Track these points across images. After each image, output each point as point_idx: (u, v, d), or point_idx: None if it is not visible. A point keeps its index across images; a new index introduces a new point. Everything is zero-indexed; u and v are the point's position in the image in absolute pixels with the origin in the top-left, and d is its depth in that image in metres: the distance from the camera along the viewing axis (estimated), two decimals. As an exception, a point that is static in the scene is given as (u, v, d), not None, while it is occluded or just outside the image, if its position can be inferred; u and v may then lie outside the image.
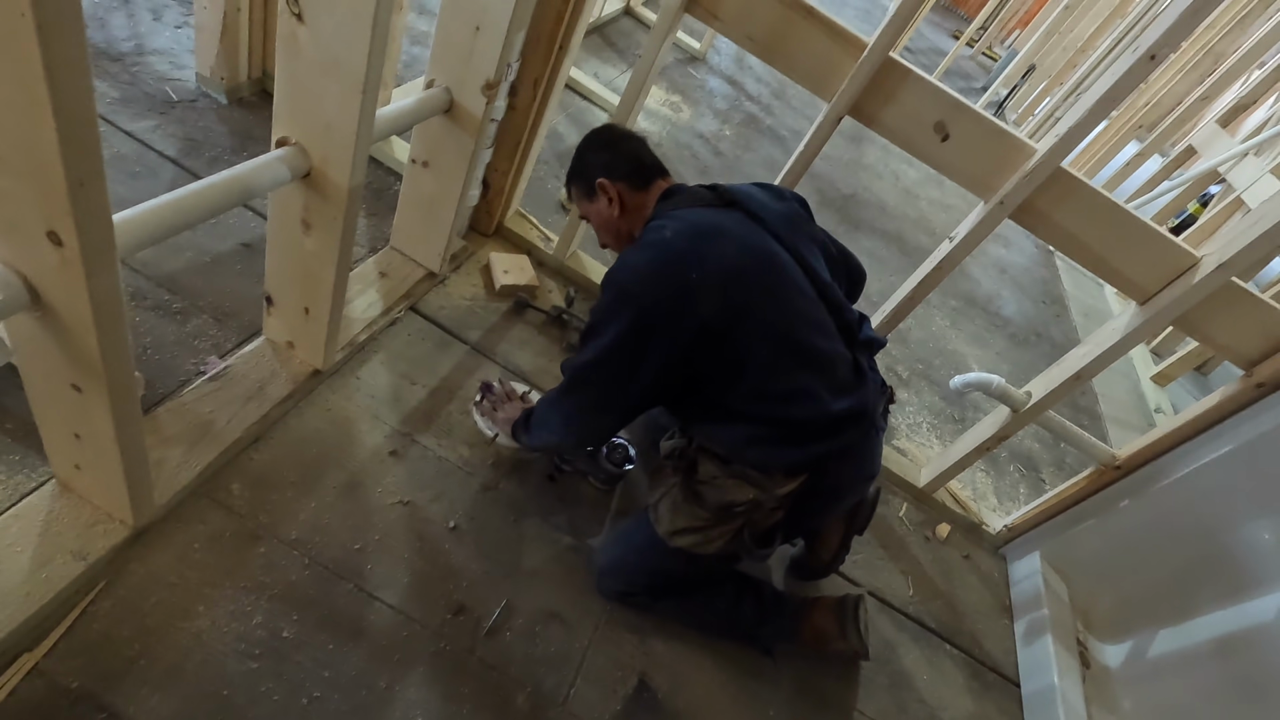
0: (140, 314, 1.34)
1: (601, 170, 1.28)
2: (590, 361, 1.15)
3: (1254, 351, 1.42)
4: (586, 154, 1.32)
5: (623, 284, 1.13)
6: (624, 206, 1.27)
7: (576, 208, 1.39)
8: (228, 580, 1.10)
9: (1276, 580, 1.41)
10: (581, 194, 1.33)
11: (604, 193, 1.27)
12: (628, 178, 1.27)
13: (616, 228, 1.30)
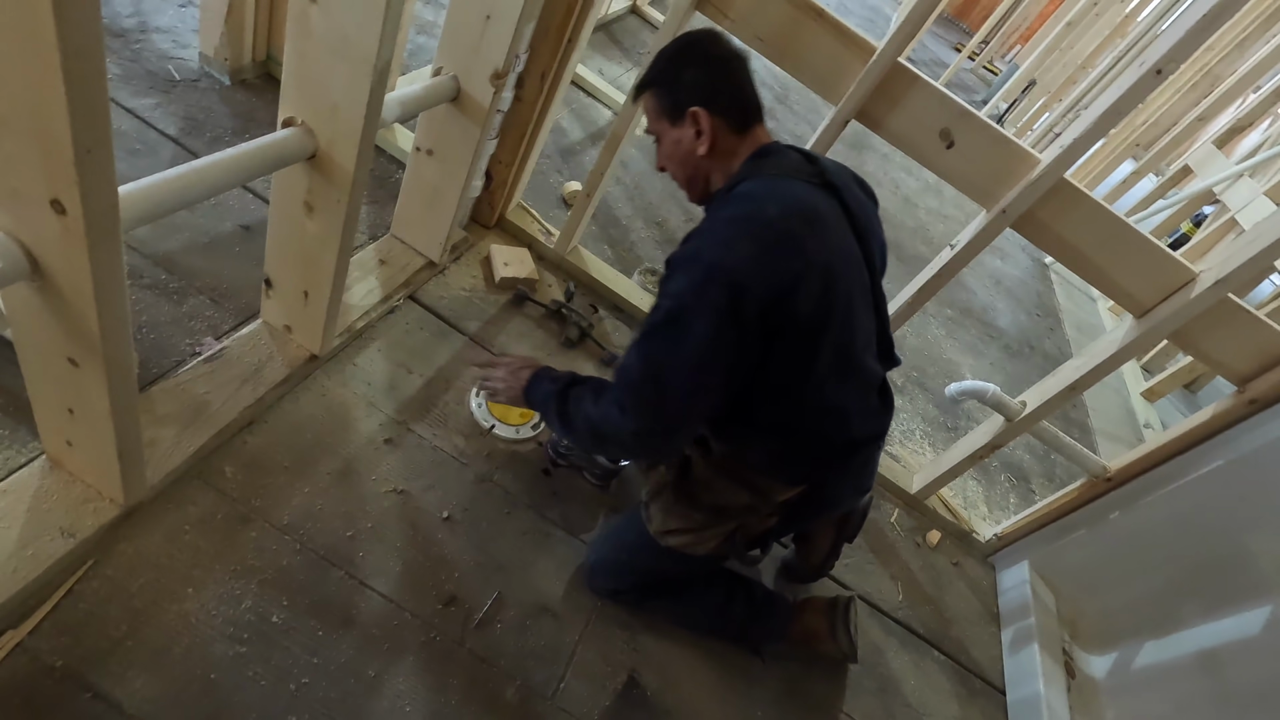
0: (136, 292, 1.33)
1: (700, 95, 1.05)
2: (675, 360, 0.95)
3: (1247, 368, 1.43)
4: (684, 66, 1.07)
5: (719, 264, 0.92)
6: (713, 146, 1.07)
7: (646, 119, 1.15)
8: (217, 563, 1.09)
9: (1262, 594, 1.42)
10: (662, 111, 1.09)
11: (695, 123, 1.06)
12: (728, 113, 1.06)
13: (695, 166, 1.10)
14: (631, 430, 1.00)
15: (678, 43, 1.11)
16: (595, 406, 1.05)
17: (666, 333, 0.95)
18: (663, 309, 0.96)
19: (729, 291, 0.92)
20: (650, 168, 2.70)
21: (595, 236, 2.21)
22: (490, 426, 1.48)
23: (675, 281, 0.95)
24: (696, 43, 1.09)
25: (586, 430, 1.08)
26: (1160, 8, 4.38)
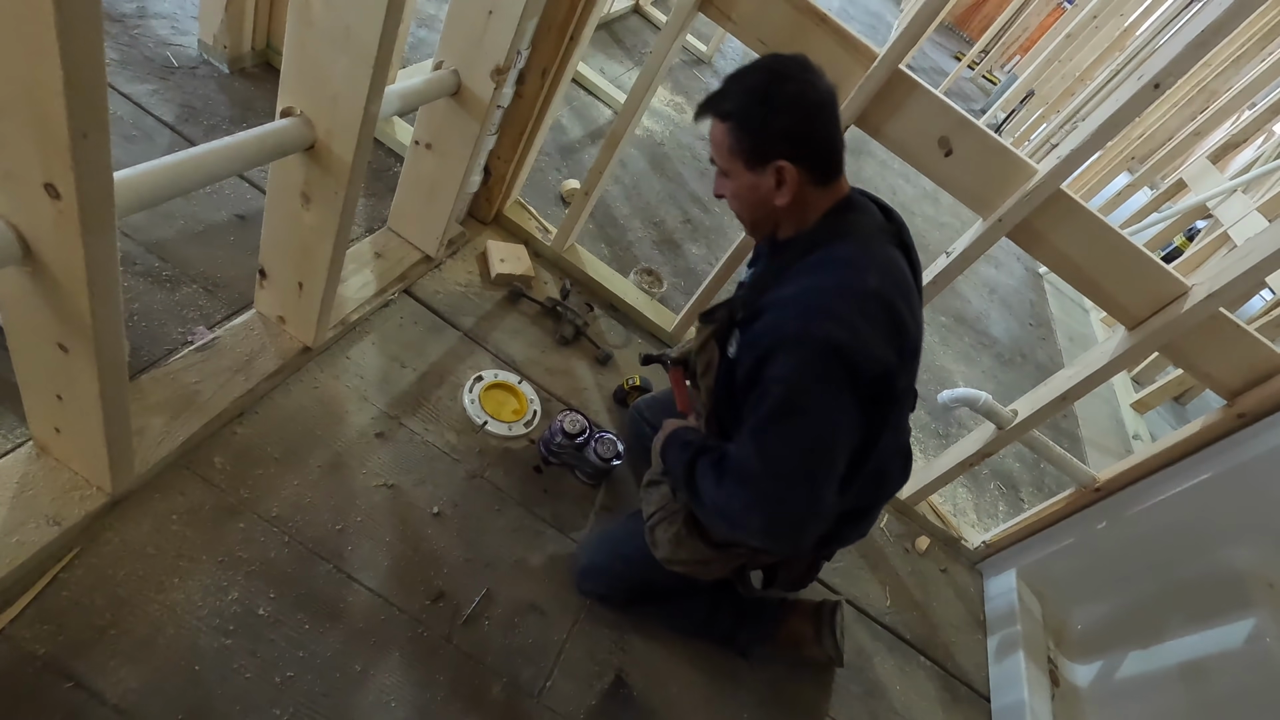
0: (129, 279, 1.32)
1: (787, 146, 0.94)
2: (798, 448, 0.89)
3: (1237, 382, 1.44)
4: (775, 111, 0.94)
5: (831, 340, 0.87)
6: (792, 199, 0.98)
7: (716, 150, 1.01)
8: (205, 554, 1.08)
9: (1245, 607, 1.43)
10: (740, 152, 0.97)
11: (778, 176, 0.96)
12: (814, 167, 0.97)
13: (766, 213, 1.02)
14: (759, 527, 0.92)
15: (767, 76, 0.96)
16: (718, 489, 0.96)
17: (787, 421, 0.89)
18: (777, 395, 0.89)
19: (845, 370, 0.87)
20: (649, 168, 2.70)
21: (593, 235, 2.21)
22: (483, 423, 1.47)
23: (783, 364, 0.89)
24: (788, 80, 0.95)
25: (715, 513, 0.99)
26: (1159, 23, 4.41)
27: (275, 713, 0.99)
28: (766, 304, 0.96)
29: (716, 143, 1.01)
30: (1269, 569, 1.42)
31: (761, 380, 0.91)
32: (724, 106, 0.97)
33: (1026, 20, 6.79)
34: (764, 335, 0.93)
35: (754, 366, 0.93)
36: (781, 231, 1.05)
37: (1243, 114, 3.66)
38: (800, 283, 0.95)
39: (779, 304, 0.94)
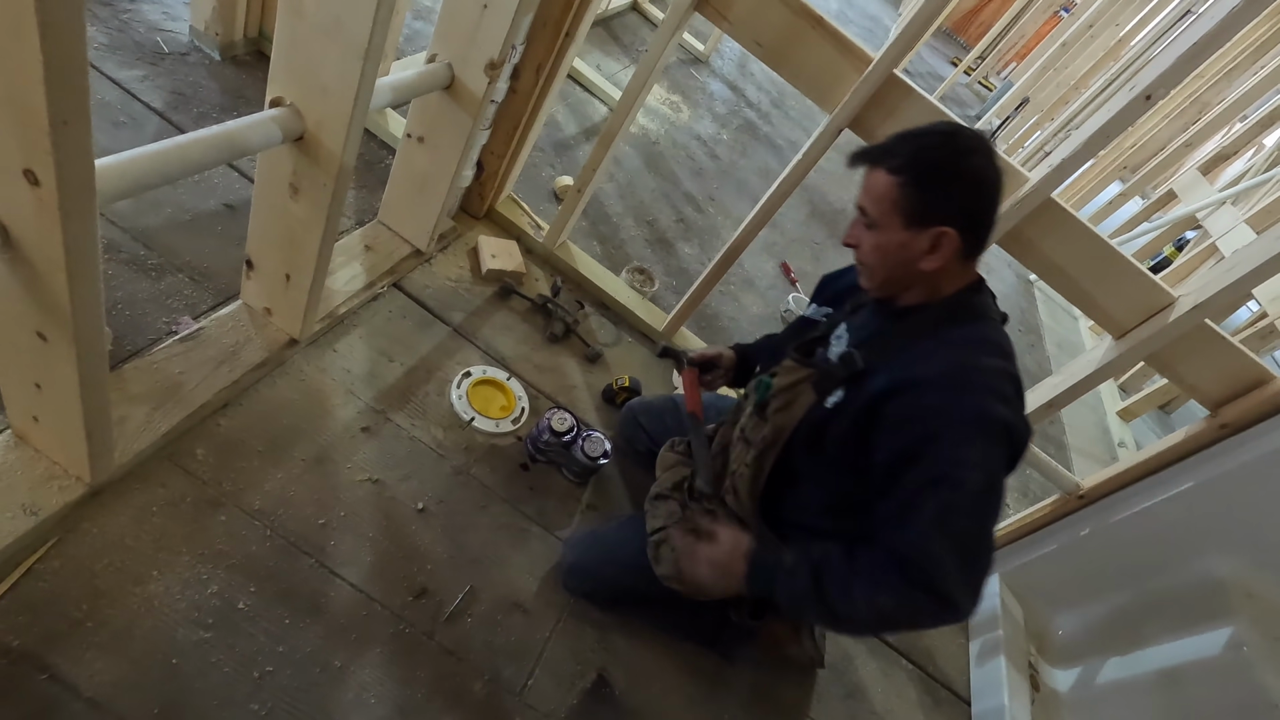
0: (113, 267, 1.30)
1: (959, 216, 0.94)
2: (986, 525, 0.90)
3: (1221, 393, 1.46)
4: (953, 180, 0.94)
5: (1011, 429, 0.89)
6: (939, 268, 0.97)
7: (870, 200, 0.98)
8: (185, 546, 1.07)
9: (1223, 616, 1.45)
10: (902, 207, 0.95)
11: (935, 242, 0.94)
12: (969, 243, 0.96)
13: (905, 273, 0.99)
14: (964, 613, 0.89)
15: (953, 145, 0.95)
16: (895, 595, 0.90)
17: (978, 505, 0.88)
18: (978, 481, 0.87)
19: (1011, 452, 0.91)
20: (644, 166, 2.70)
21: (585, 233, 2.21)
22: (470, 419, 1.47)
23: (963, 447, 0.88)
24: (973, 153, 0.94)
25: (873, 619, 0.93)
26: (1153, 34, 4.44)
27: (253, 708, 0.98)
28: (907, 379, 0.93)
29: (876, 194, 0.98)
30: (1248, 578, 1.44)
31: (930, 466, 0.88)
32: (896, 162, 0.96)
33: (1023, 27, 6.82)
34: (924, 417, 0.90)
35: (912, 447, 0.90)
36: (907, 297, 1.03)
37: (1234, 126, 3.69)
38: (947, 361, 0.94)
39: (932, 384, 0.92)
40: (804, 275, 2.77)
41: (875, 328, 1.06)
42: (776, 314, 2.48)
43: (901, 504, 0.90)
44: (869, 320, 1.09)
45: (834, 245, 3.14)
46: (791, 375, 1.10)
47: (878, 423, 0.94)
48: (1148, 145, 4.09)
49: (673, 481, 1.31)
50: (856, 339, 1.07)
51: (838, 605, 0.93)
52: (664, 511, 1.27)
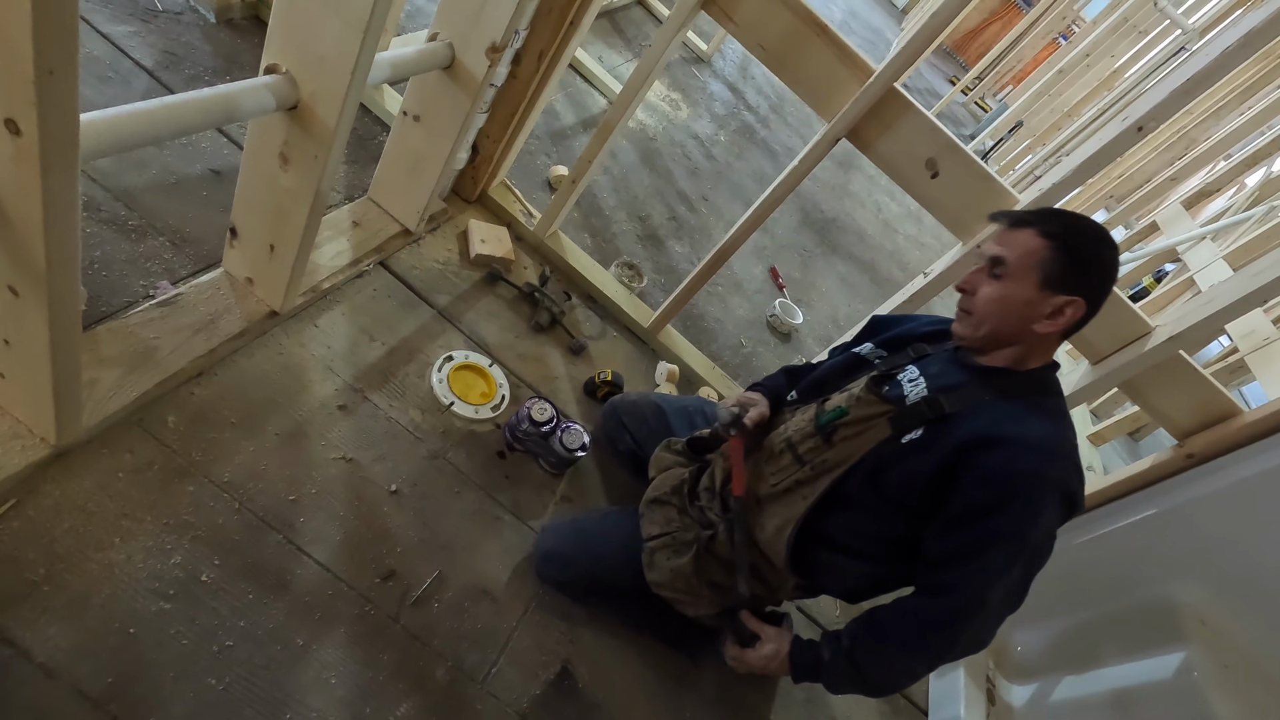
0: (92, 226, 1.27)
1: (1088, 293, 1.01)
2: (1031, 576, 1.02)
3: (1189, 423, 1.49)
4: (1095, 258, 1.02)
5: (1076, 499, 1.00)
6: (1044, 335, 1.03)
7: (1013, 253, 1.03)
8: (149, 515, 1.05)
9: (1177, 641, 1.48)
10: (1042, 269, 1.00)
11: (1061, 310, 1.00)
12: (1080, 322, 1.03)
13: (1015, 330, 1.04)
14: (982, 648, 1.06)
15: (1096, 229, 1.04)
16: (928, 649, 1.05)
17: (1033, 562, 1.00)
18: (1041, 545, 0.99)
19: (1067, 515, 1.01)
20: (639, 161, 2.69)
21: (576, 224, 2.20)
22: (449, 403, 1.46)
23: (1035, 509, 0.96)
24: (1110, 246, 1.03)
25: (910, 677, 1.10)
26: (1148, 67, 4.52)
27: (211, 681, 0.97)
28: (1002, 436, 0.99)
29: (1023, 249, 1.03)
30: (1203, 606, 1.47)
31: (1006, 520, 0.97)
32: (1052, 228, 1.02)
33: (1022, 52, 6.91)
34: (1014, 476, 0.97)
35: (995, 500, 0.97)
36: (995, 357, 1.08)
37: (1218, 164, 3.77)
38: (1043, 430, 1.01)
39: (1028, 446, 0.98)
40: (792, 282, 2.78)
41: (959, 379, 1.09)
42: (762, 318, 2.49)
43: (969, 546, 0.99)
44: (948, 369, 1.12)
45: (823, 254, 3.16)
46: (869, 408, 1.12)
47: (965, 469, 0.99)
48: (1134, 176, 4.17)
49: (671, 485, 1.32)
50: (936, 385, 1.09)
51: (878, 680, 1.09)
52: (661, 518, 1.28)
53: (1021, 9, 8.46)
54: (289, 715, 1.00)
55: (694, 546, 1.24)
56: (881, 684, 1.10)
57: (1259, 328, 2.40)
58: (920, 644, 1.04)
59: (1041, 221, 1.03)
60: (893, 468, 1.07)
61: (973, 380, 1.07)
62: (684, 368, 1.97)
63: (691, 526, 1.27)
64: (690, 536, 1.25)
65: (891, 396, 1.11)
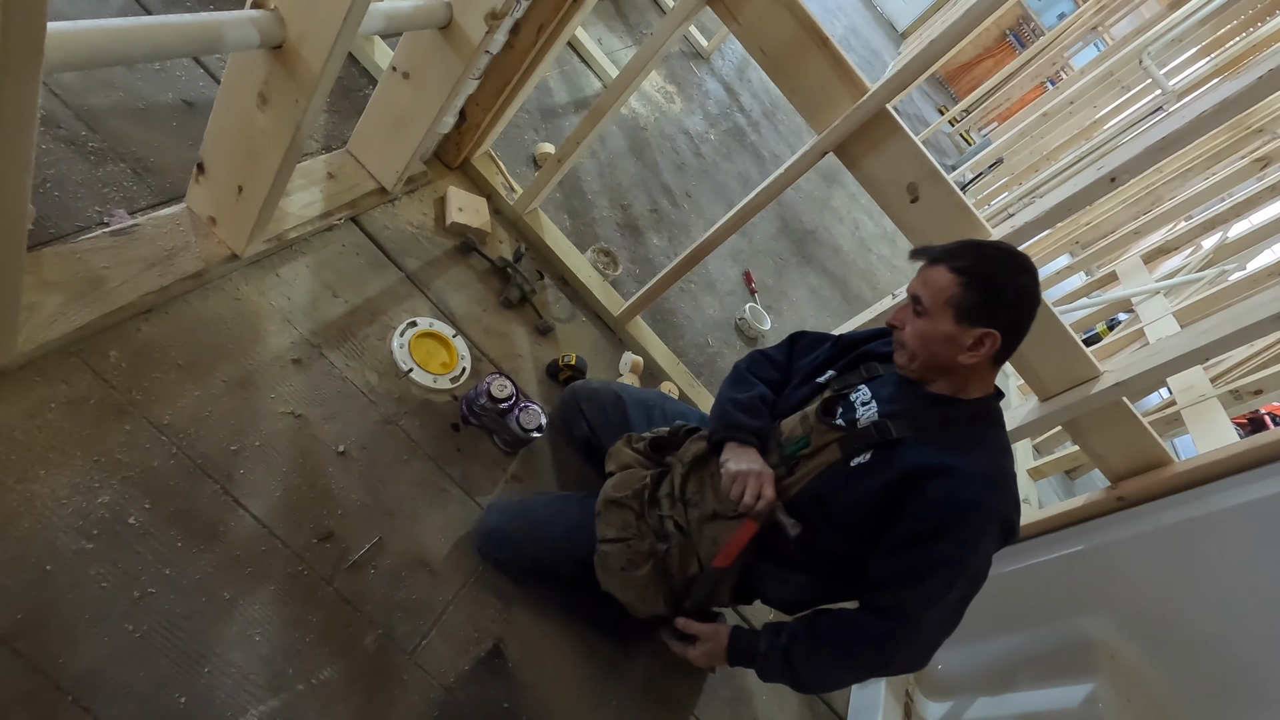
0: (48, 143, 1.21)
1: (1005, 324, 1.05)
2: (967, 600, 1.06)
3: (1123, 468, 1.55)
4: (1007, 287, 1.06)
5: (1014, 527, 1.06)
6: (972, 365, 1.07)
7: (928, 292, 1.08)
8: (79, 450, 1.01)
9: (1086, 672, 1.54)
10: (957, 303, 1.05)
11: (980, 341, 1.05)
12: (1004, 350, 1.07)
13: (942, 363, 1.08)
14: (917, 669, 1.11)
15: (1009, 258, 1.08)
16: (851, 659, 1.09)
17: (969, 588, 1.04)
18: (971, 572, 1.03)
19: (1003, 544, 1.06)
20: (627, 149, 2.68)
21: (557, 204, 2.18)
22: (408, 370, 1.43)
23: (974, 538, 1.01)
24: (1027, 272, 1.07)
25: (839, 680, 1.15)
26: (1126, 122, 4.67)
27: (127, 628, 0.94)
28: (948, 466, 1.02)
29: (935, 287, 1.07)
30: (1114, 641, 1.54)
31: (947, 547, 1.01)
32: (962, 263, 1.06)
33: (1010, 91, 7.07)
34: (958, 506, 1.01)
35: (938, 527, 1.01)
36: (937, 385, 1.12)
37: (1179, 224, 3.92)
38: (986, 462, 1.06)
39: (971, 477, 1.02)
40: (764, 288, 2.80)
41: (908, 404, 1.12)
42: (731, 320, 2.51)
43: (911, 570, 1.03)
44: (898, 394, 1.14)
45: (797, 265, 3.20)
46: (823, 437, 1.15)
47: (911, 496, 1.03)
48: (1101, 226, 4.31)
49: (632, 489, 1.30)
50: (886, 410, 1.12)
51: (808, 679, 1.12)
52: (619, 521, 1.27)
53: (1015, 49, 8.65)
54: (208, 669, 0.98)
55: (650, 560, 1.24)
56: (811, 684, 1.14)
57: (1197, 384, 2.52)
58: (853, 657, 1.08)
59: (952, 257, 1.08)
60: (841, 490, 1.10)
61: (920, 406, 1.11)
62: (649, 360, 1.97)
63: (648, 535, 1.27)
64: (646, 548, 1.25)
65: (843, 421, 1.14)
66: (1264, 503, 1.31)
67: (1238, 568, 1.38)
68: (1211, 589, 1.41)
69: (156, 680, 0.94)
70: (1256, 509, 1.32)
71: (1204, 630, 1.43)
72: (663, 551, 1.24)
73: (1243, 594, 1.39)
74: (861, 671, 1.10)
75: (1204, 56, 4.72)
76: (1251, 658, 1.37)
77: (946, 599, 1.02)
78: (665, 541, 1.25)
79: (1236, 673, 1.38)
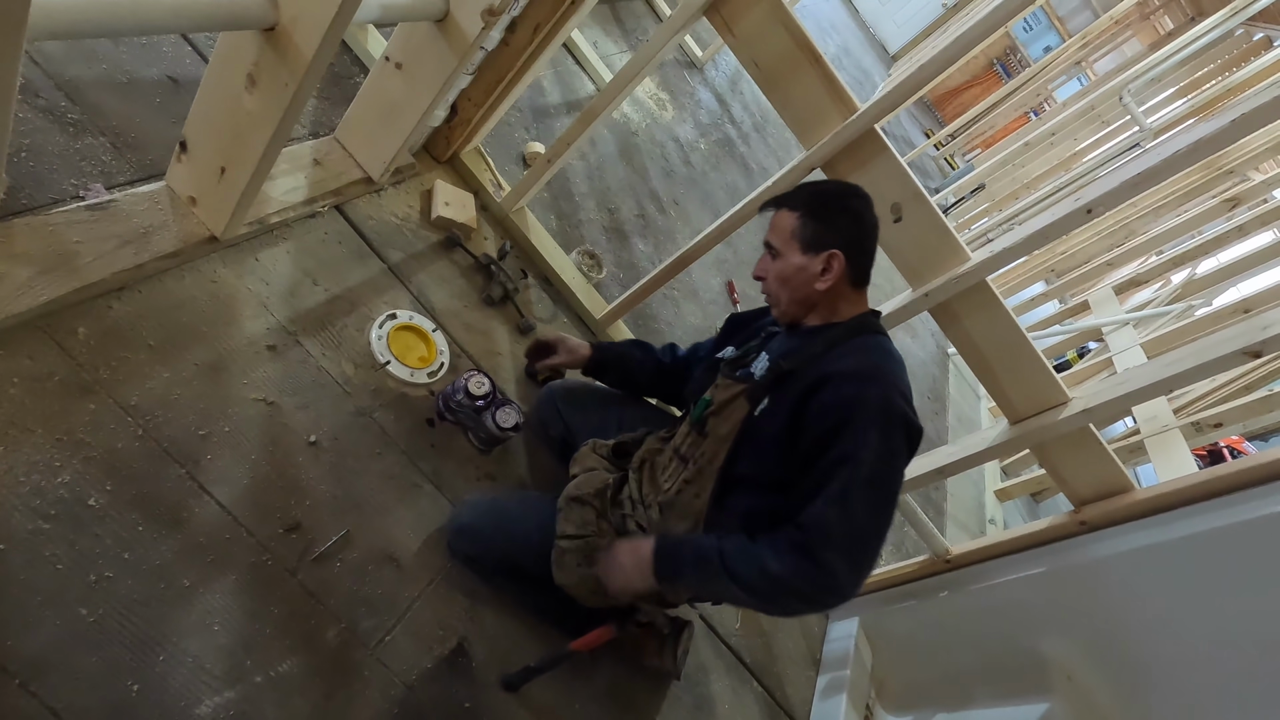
0: (27, 112, 1.18)
1: (844, 242, 1.16)
2: (882, 514, 1.03)
3: (1087, 492, 1.58)
4: (840, 211, 1.18)
5: (910, 421, 1.06)
6: (830, 289, 1.17)
7: (776, 234, 1.20)
8: (41, 427, 0.98)
9: (1043, 692, 1.57)
10: (799, 236, 1.16)
11: (827, 263, 1.15)
12: (855, 270, 1.18)
13: (804, 295, 1.18)
14: (843, 588, 1.00)
15: (837, 186, 1.21)
16: (780, 562, 1.01)
17: (872, 492, 1.01)
18: (866, 465, 1.00)
19: (908, 445, 1.06)
20: (617, 153, 2.68)
21: (545, 204, 2.17)
22: (385, 362, 1.42)
23: (866, 435, 1.01)
24: (856, 196, 1.20)
25: (766, 588, 1.03)
26: (1104, 157, 4.79)
27: (81, 611, 0.92)
28: (825, 375, 1.07)
29: (779, 228, 1.19)
30: (1071, 663, 1.57)
31: (839, 448, 1.02)
32: (798, 201, 1.19)
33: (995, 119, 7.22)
34: (839, 406, 1.04)
35: (827, 433, 1.03)
36: (811, 319, 1.21)
37: (1150, 258, 4.03)
38: (858, 361, 1.10)
39: (846, 377, 1.06)
40: (747, 298, 2.82)
41: (794, 344, 1.21)
42: (712, 329, 2.52)
43: (815, 482, 1.04)
44: (785, 341, 1.24)
45: (780, 277, 3.22)
46: (727, 391, 1.21)
47: (804, 413, 1.08)
48: (1076, 255, 4.41)
49: (594, 488, 1.31)
50: (777, 355, 1.19)
51: (741, 573, 1.05)
52: (579, 518, 1.27)
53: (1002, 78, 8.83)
54: (163, 657, 0.96)
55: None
56: (742, 578, 1.05)
57: (1161, 414, 2.58)
58: (784, 559, 1.01)
59: (788, 200, 1.21)
60: (756, 439, 1.15)
61: (803, 342, 1.19)
62: (628, 365, 1.97)
63: (608, 533, 1.27)
64: (606, 545, 1.25)
65: (742, 376, 1.21)
66: (1219, 533, 1.35)
67: (1191, 596, 1.41)
68: (1166, 615, 1.45)
69: (109, 666, 0.92)
70: (1211, 539, 1.36)
71: (1158, 655, 1.47)
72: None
73: (1195, 622, 1.43)
74: (791, 577, 1.01)
75: (1181, 97, 4.87)
76: (1202, 684, 1.41)
77: (850, 501, 0.99)
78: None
79: (1187, 698, 1.42)
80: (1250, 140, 3.69)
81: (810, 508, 1.02)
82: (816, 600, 1.03)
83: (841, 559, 0.99)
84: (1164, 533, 1.42)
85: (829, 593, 1.01)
